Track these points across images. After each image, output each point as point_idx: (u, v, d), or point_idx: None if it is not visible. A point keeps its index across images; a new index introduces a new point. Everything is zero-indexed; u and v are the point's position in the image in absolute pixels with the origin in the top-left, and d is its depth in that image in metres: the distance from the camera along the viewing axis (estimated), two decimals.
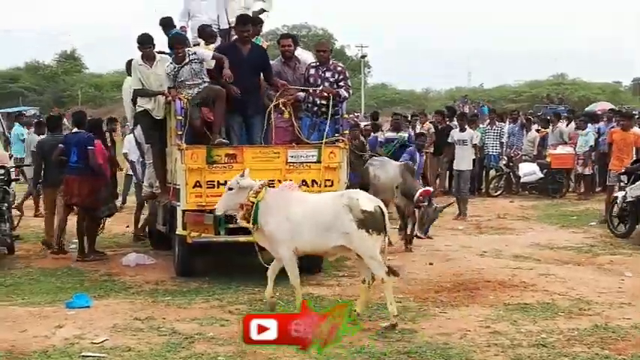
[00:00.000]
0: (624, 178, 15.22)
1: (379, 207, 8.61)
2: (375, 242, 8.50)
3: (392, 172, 13.63)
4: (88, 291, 10.17)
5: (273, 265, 8.95)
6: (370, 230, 8.43)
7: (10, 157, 15.45)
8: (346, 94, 11.47)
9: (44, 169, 13.39)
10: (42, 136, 15.43)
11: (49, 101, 70.01)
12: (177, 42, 11.24)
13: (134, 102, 11.89)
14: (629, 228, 14.46)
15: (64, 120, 22.72)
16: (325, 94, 11.25)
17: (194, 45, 11.78)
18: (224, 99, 10.89)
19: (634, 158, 15.66)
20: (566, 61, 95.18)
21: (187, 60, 11.03)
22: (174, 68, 11.06)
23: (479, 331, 8.37)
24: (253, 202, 8.70)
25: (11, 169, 13.65)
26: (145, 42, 11.70)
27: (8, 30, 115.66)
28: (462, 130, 17.99)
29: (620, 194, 14.75)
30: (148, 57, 11.67)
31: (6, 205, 12.71)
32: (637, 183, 14.38)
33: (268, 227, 8.72)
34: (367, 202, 8.61)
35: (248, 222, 8.77)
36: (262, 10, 12.94)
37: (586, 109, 42.24)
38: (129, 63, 12.04)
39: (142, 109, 11.74)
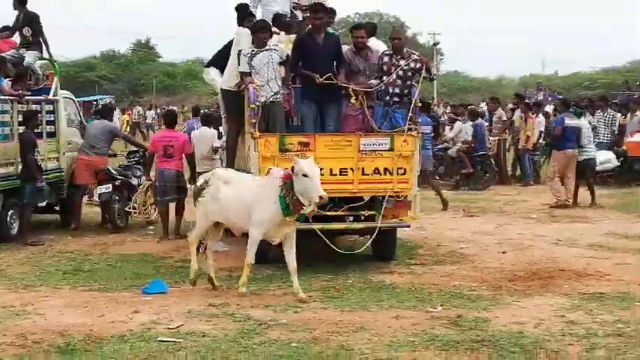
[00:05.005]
0: None
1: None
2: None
3: None
4: (164, 277, 10.34)
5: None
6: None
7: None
8: (436, 72, 11.47)
9: None
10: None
11: (124, 89, 71.03)
12: (261, 28, 11.23)
13: None
14: None
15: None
16: (417, 65, 11.28)
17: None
18: None
19: None
20: None
21: (267, 48, 11.08)
22: (252, 51, 11.08)
23: (553, 321, 8.27)
24: None
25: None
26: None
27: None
28: None
29: None
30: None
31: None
32: None
33: None
34: None
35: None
36: None
37: None
38: None
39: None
